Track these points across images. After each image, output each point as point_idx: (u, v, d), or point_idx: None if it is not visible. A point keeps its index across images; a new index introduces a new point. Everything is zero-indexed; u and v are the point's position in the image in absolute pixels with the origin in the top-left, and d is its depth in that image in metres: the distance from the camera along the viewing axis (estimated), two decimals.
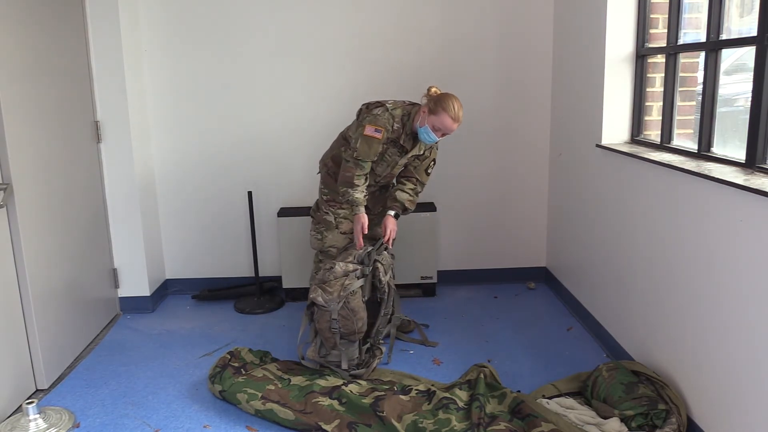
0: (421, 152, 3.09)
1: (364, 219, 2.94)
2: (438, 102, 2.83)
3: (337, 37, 3.77)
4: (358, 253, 2.94)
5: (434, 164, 3.19)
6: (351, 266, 2.89)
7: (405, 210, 3.16)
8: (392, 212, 3.14)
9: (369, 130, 2.85)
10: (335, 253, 3.11)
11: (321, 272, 2.92)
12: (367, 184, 2.95)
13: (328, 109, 3.84)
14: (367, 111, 2.98)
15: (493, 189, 4.02)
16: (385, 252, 3.00)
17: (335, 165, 3.10)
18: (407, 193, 3.15)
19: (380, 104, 2.96)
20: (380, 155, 2.95)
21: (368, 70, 3.80)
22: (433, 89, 2.90)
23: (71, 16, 3.19)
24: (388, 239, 3.08)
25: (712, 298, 2.21)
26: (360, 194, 2.91)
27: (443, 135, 2.90)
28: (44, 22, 2.91)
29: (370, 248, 2.97)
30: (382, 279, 2.91)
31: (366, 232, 2.96)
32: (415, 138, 3.00)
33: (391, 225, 3.10)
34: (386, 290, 2.95)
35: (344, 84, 3.82)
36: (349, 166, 2.90)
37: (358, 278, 2.85)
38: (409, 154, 3.03)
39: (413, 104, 3.01)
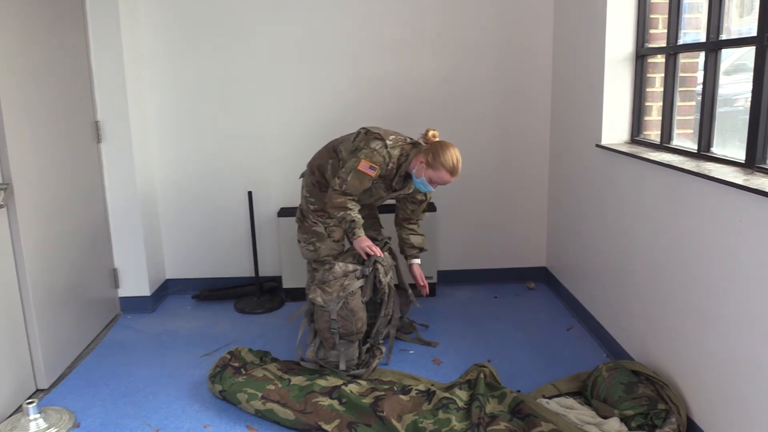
0: (410, 191, 3.07)
1: (366, 239, 2.89)
2: (436, 156, 2.77)
3: (336, 40, 3.76)
4: (359, 253, 2.94)
5: (429, 200, 3.25)
6: (351, 266, 2.88)
7: (422, 251, 3.25)
8: (417, 261, 3.23)
9: (364, 166, 2.79)
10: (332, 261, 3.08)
11: (321, 272, 2.92)
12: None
13: (327, 110, 3.85)
14: (365, 140, 2.88)
15: (493, 189, 4.02)
16: (386, 253, 3.00)
17: (321, 176, 3.05)
18: (420, 234, 3.23)
19: (380, 137, 2.86)
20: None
21: (367, 72, 3.80)
22: (431, 133, 2.85)
23: (71, 16, 3.19)
24: (426, 286, 3.20)
25: (712, 298, 2.21)
26: (357, 213, 2.88)
27: (438, 185, 2.89)
28: (44, 22, 2.91)
29: None
30: (383, 280, 2.90)
31: (374, 247, 2.90)
32: (405, 179, 2.97)
33: (421, 272, 3.22)
34: (387, 291, 2.95)
35: (343, 85, 3.82)
36: (337, 194, 2.85)
37: (358, 278, 2.85)
38: (397, 193, 3.04)
39: (413, 145, 2.90)
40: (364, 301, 2.86)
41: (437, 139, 2.85)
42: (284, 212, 3.81)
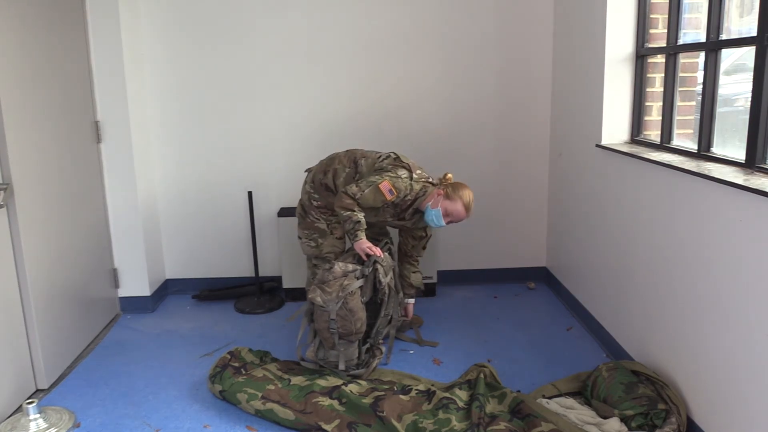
0: (412, 227, 3.13)
1: (366, 241, 2.89)
2: (455, 190, 2.95)
3: (337, 40, 3.76)
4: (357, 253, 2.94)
5: (430, 238, 3.32)
6: (350, 266, 2.88)
7: (418, 289, 3.38)
8: (412, 300, 3.36)
9: (385, 187, 2.86)
10: (333, 258, 3.09)
11: (321, 272, 2.92)
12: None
13: (327, 110, 3.85)
14: (394, 164, 2.97)
15: (493, 189, 4.01)
16: (386, 253, 2.99)
17: (333, 180, 3.06)
18: (420, 272, 3.34)
19: (409, 168, 2.97)
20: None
21: (368, 73, 3.80)
22: (449, 175, 3.01)
23: (71, 16, 3.19)
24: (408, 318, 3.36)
25: (712, 298, 2.21)
26: (362, 216, 2.90)
27: (449, 222, 2.96)
28: (44, 22, 2.91)
29: None
30: (382, 280, 2.90)
31: (374, 248, 2.91)
32: (415, 213, 3.04)
33: (411, 310, 3.37)
34: (386, 291, 2.95)
35: (343, 85, 3.82)
36: (348, 197, 2.88)
37: (358, 278, 2.85)
38: (401, 222, 3.09)
39: (433, 184, 3.02)
40: (363, 301, 2.86)
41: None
42: (284, 212, 3.81)
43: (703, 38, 2.53)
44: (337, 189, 3.02)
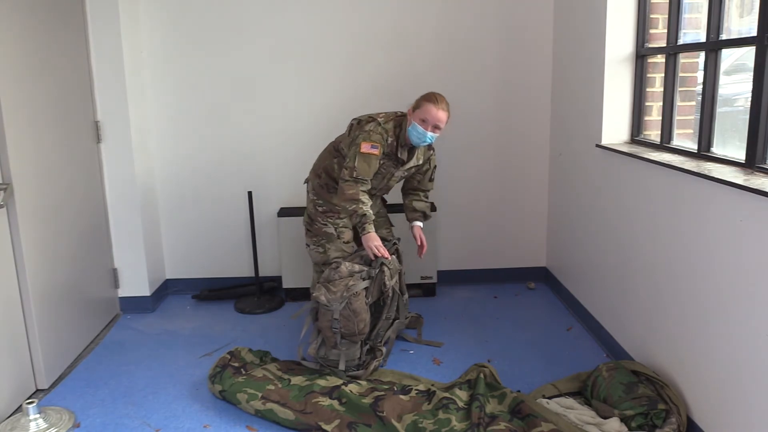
0: (420, 162, 3.09)
1: (376, 237, 2.85)
2: (419, 99, 2.92)
3: (336, 40, 3.76)
4: (366, 254, 2.92)
5: (435, 169, 3.23)
6: (357, 267, 2.87)
7: (426, 217, 3.25)
8: (419, 223, 3.24)
9: (366, 147, 2.83)
10: None
11: (327, 270, 2.91)
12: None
13: (327, 109, 3.84)
14: (359, 127, 2.95)
15: (493, 189, 4.02)
16: (393, 256, 2.97)
17: (328, 176, 3.07)
18: (424, 201, 3.25)
19: (372, 119, 2.94)
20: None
21: (367, 72, 3.80)
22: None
23: (71, 16, 3.19)
24: (424, 246, 3.18)
25: (712, 298, 2.21)
26: (369, 208, 2.85)
27: (434, 129, 2.87)
28: (44, 22, 2.91)
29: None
30: (387, 283, 2.88)
31: (382, 249, 2.86)
32: (411, 149, 3.01)
33: (421, 233, 3.21)
34: (390, 294, 2.94)
35: (343, 85, 3.82)
36: (349, 185, 2.83)
37: (364, 279, 2.84)
38: (406, 166, 3.03)
39: (403, 114, 3.00)
40: (368, 303, 2.85)
41: None
42: (284, 212, 3.81)
43: (703, 38, 2.53)
44: (337, 182, 3.01)
